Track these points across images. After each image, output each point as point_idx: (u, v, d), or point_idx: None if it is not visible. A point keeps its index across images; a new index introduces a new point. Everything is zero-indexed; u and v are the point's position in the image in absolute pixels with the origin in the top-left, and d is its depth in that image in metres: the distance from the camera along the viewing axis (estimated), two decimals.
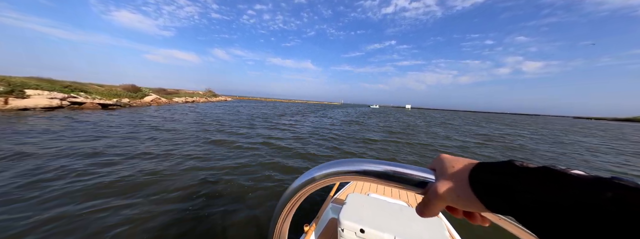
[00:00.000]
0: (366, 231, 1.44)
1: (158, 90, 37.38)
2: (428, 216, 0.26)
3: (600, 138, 18.31)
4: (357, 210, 1.65)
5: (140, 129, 9.30)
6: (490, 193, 0.20)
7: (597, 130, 29.35)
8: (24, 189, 3.45)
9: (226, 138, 8.49)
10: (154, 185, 3.93)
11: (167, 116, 14.66)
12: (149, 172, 4.49)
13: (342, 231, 1.51)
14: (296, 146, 7.96)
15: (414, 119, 30.86)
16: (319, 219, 2.03)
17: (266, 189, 4.09)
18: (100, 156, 5.33)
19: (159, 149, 6.37)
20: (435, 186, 0.25)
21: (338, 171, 0.33)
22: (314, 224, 1.91)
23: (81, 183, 3.82)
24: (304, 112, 30.16)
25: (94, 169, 4.48)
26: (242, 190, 3.99)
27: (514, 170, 0.19)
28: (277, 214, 0.43)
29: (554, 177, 0.16)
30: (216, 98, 64.01)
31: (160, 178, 4.25)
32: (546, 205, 0.15)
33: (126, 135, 7.90)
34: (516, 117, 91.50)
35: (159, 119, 12.52)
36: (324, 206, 2.31)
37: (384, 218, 1.58)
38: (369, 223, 1.49)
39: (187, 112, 18.07)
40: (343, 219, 1.52)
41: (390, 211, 1.68)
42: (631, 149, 12.60)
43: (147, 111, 17.09)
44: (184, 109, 21.07)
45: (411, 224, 1.51)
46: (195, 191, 3.79)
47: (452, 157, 0.27)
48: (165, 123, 11.32)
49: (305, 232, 1.83)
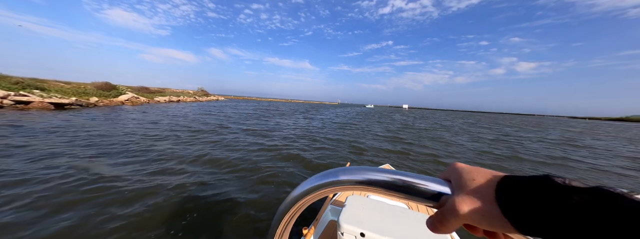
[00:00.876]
0: (367, 235, 1.42)
1: (140, 88, 34.87)
2: (442, 233, 0.23)
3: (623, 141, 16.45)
4: (356, 213, 1.63)
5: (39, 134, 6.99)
6: (523, 213, 0.16)
7: (605, 131, 27.66)
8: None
9: (119, 173, 4.26)
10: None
11: (113, 117, 12.32)
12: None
13: (341, 235, 1.50)
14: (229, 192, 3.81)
15: (424, 125, 28.68)
16: (318, 221, 2.03)
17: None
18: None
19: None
20: (453, 201, 0.21)
21: (339, 180, 0.29)
22: (313, 227, 1.87)
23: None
24: (288, 113, 28.01)
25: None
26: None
27: (556, 188, 0.16)
28: (275, 225, 0.38)
29: (613, 202, 0.13)
30: (207, 97, 61.59)
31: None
32: (603, 235, 0.13)
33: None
34: (514, 118, 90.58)
35: (94, 123, 10.15)
36: (323, 208, 2.29)
37: (385, 221, 1.56)
38: (369, 227, 1.47)
39: (149, 113, 15.75)
40: (343, 223, 1.50)
41: (391, 213, 1.66)
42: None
43: (107, 111, 14.72)
44: (157, 110, 18.72)
45: (412, 228, 1.49)
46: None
47: (470, 167, 0.24)
48: (100, 126, 9.01)
49: (304, 235, 1.76)
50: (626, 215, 0.12)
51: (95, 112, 13.68)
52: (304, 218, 2.01)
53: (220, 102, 50.56)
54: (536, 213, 0.16)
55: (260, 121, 15.48)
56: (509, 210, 0.17)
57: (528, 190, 0.17)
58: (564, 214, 0.14)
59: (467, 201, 0.20)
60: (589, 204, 0.14)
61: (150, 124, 10.47)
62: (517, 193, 0.18)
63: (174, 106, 25.23)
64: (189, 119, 13.44)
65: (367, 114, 37.91)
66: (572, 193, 0.15)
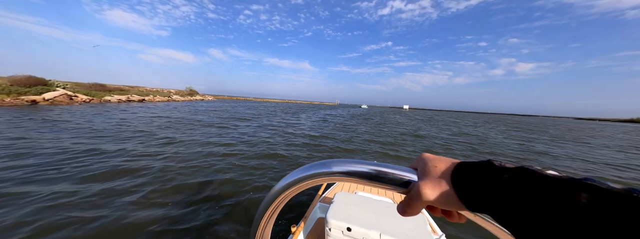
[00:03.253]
0: (353, 229, 1.46)
1: (91, 85, 29.47)
2: (410, 215, 0.26)
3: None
4: (344, 209, 1.66)
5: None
6: (470, 193, 0.20)
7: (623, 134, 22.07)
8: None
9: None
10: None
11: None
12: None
13: (329, 230, 1.53)
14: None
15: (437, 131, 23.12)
16: (306, 219, 2.07)
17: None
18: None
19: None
20: (417, 186, 0.24)
21: (322, 172, 0.31)
22: (302, 223, 1.95)
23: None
24: (261, 115, 22.52)
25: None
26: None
27: (492, 170, 0.19)
28: (259, 216, 0.40)
29: (530, 177, 0.16)
30: (191, 97, 56.32)
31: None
32: (522, 205, 0.15)
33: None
34: (517, 119, 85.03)
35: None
36: (312, 206, 2.33)
37: (370, 215, 1.61)
38: (355, 221, 1.51)
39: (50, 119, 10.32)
40: (330, 218, 1.54)
41: (377, 208, 1.71)
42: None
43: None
44: (75, 113, 13.31)
45: (396, 221, 1.55)
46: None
47: (434, 156, 0.27)
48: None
49: (293, 233, 1.82)
50: (533, 186, 0.16)
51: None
52: (293, 215, 2.07)
53: (203, 102, 45.21)
54: (479, 192, 0.19)
55: (177, 131, 10.02)
56: (461, 191, 0.20)
57: (473, 173, 0.20)
58: (498, 190, 0.17)
59: (429, 186, 0.23)
60: (512, 181, 0.17)
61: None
62: (466, 176, 0.21)
63: (123, 107, 19.68)
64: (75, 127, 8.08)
65: (361, 117, 32.48)
66: (503, 172, 0.18)
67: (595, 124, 77.76)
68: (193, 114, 17.99)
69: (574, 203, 0.13)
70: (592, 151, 11.49)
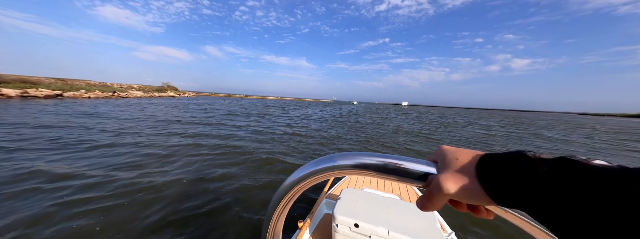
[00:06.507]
0: (361, 226, 1.44)
1: (37, 80, 21.71)
2: (431, 210, 0.24)
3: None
4: (351, 205, 1.65)
5: None
6: (500, 186, 0.18)
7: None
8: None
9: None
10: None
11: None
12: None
13: (336, 227, 1.52)
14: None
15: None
16: (313, 215, 2.05)
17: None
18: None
19: None
20: (438, 179, 0.23)
21: (335, 165, 0.30)
22: (309, 220, 1.93)
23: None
24: (218, 119, 15.08)
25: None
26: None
27: (527, 162, 0.17)
28: (272, 211, 0.40)
29: (575, 169, 0.15)
30: (160, 94, 48.62)
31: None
32: (568, 200, 0.13)
33: None
34: (517, 115, 77.99)
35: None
36: (318, 202, 2.32)
37: (378, 212, 1.58)
38: (363, 218, 1.49)
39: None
40: (337, 215, 1.52)
41: (384, 205, 1.69)
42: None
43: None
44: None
45: (404, 218, 1.53)
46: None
47: (454, 148, 0.26)
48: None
49: (300, 229, 1.81)
50: (580, 179, 0.14)
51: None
52: (300, 212, 2.06)
53: (176, 100, 37.61)
54: (511, 185, 0.17)
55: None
56: (488, 185, 0.19)
57: (504, 166, 0.18)
58: (534, 184, 0.16)
59: (451, 179, 0.21)
60: (554, 173, 0.15)
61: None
62: (494, 169, 0.19)
63: (43, 106, 12.08)
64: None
65: (350, 115, 24.98)
66: (541, 165, 0.16)
67: (604, 119, 71.47)
68: (178, 113, 10.49)
69: (634, 198, 0.11)
70: None
